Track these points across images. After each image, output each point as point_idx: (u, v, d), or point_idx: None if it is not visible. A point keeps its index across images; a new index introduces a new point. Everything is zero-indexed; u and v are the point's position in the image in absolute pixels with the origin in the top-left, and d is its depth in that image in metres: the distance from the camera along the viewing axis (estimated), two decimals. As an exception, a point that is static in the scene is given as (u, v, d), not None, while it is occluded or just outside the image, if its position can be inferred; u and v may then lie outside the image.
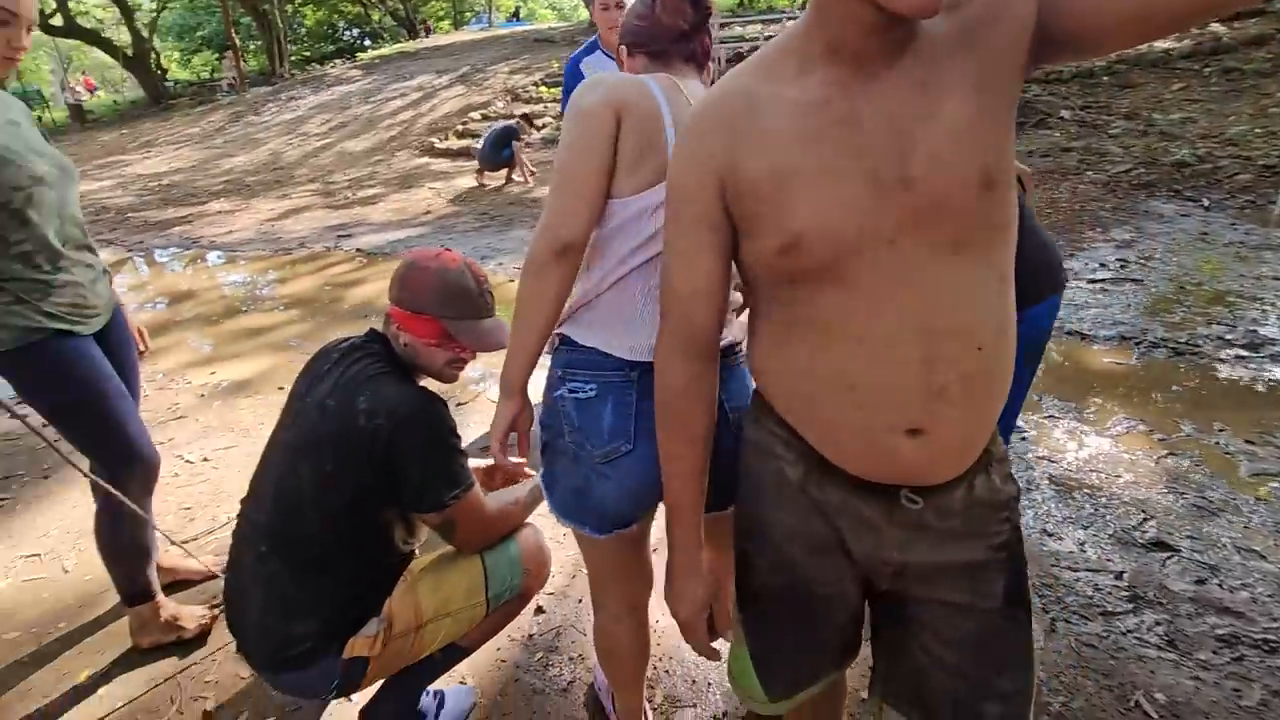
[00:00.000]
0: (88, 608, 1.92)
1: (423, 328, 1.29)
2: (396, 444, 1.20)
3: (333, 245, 5.95)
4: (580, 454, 1.09)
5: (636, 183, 1.04)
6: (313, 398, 1.27)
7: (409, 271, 1.30)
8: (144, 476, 1.72)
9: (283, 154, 10.79)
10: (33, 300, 1.52)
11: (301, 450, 1.24)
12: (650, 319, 1.07)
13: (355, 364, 1.29)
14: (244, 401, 3.13)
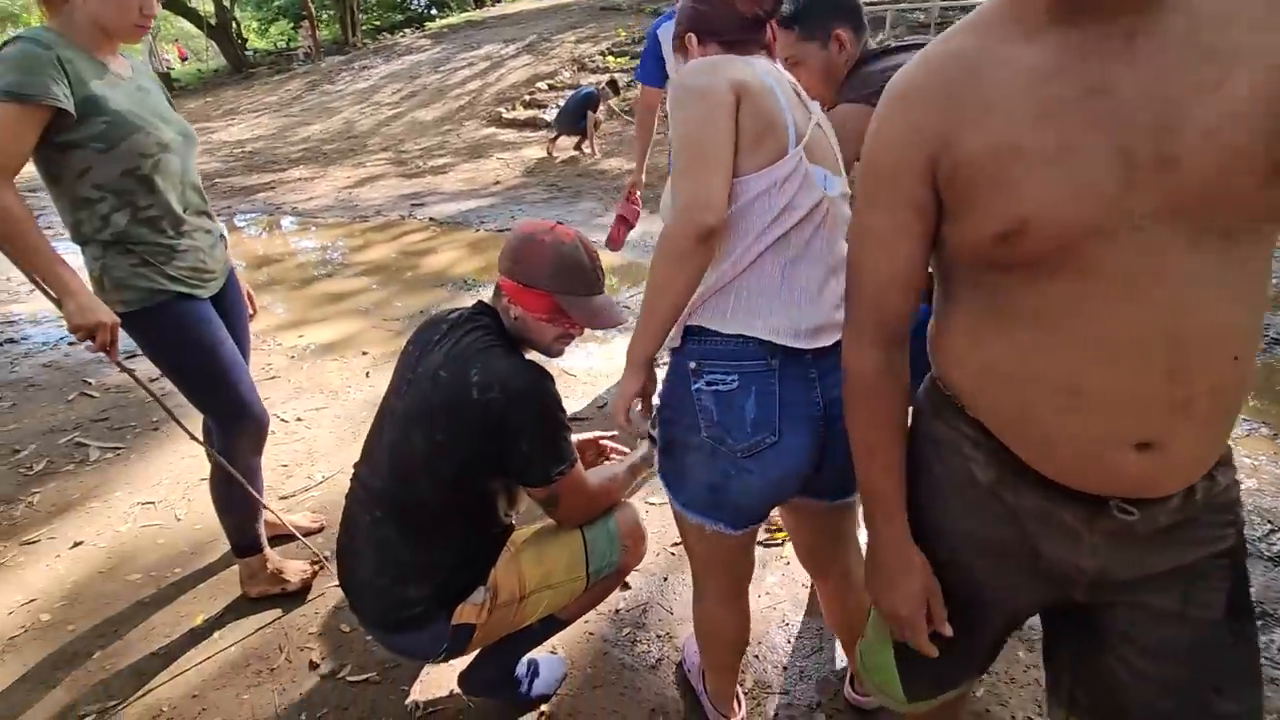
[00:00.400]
0: (198, 555, 2.03)
1: (535, 302, 1.29)
2: (508, 418, 1.21)
3: (406, 214, 6.07)
4: (719, 449, 1.05)
5: (759, 161, 1.01)
6: (425, 368, 1.28)
7: (523, 245, 1.29)
8: (255, 435, 1.79)
9: (356, 123, 11.04)
10: (157, 263, 1.58)
11: (415, 419, 1.26)
12: (789, 298, 1.03)
13: (466, 336, 1.29)
14: (330, 364, 3.24)
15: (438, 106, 11.12)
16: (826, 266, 1.06)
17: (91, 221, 1.52)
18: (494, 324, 1.33)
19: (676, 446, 1.11)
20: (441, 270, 4.55)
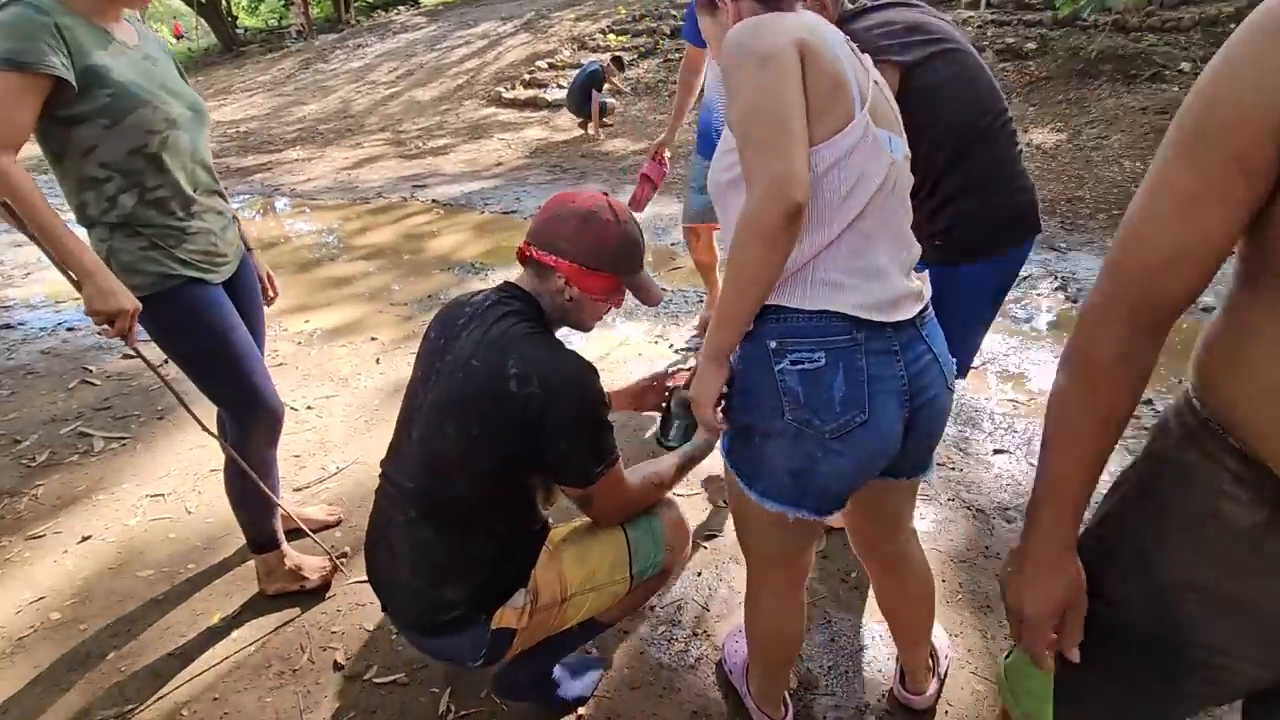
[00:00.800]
0: (212, 550, 1.96)
1: (599, 284, 1.23)
2: (548, 413, 1.13)
3: (408, 195, 5.94)
4: (804, 431, 0.98)
5: (828, 127, 0.94)
6: (455, 356, 1.20)
7: (586, 226, 1.21)
8: (269, 426, 1.71)
9: (352, 102, 10.82)
10: (167, 246, 1.49)
11: (447, 411, 1.18)
12: (869, 271, 0.97)
13: (499, 321, 1.20)
14: (339, 350, 3.15)
15: (435, 86, 10.91)
16: (896, 235, 1.02)
17: (98, 203, 1.43)
18: (527, 307, 1.25)
19: (755, 433, 1.04)
20: (447, 254, 4.45)
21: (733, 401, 1.06)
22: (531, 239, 1.25)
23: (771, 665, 1.33)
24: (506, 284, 1.29)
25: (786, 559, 1.18)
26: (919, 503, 2.02)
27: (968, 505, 2.02)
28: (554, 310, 1.27)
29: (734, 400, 1.06)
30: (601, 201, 1.24)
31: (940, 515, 1.99)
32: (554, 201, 1.26)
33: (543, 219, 1.25)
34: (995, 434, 2.35)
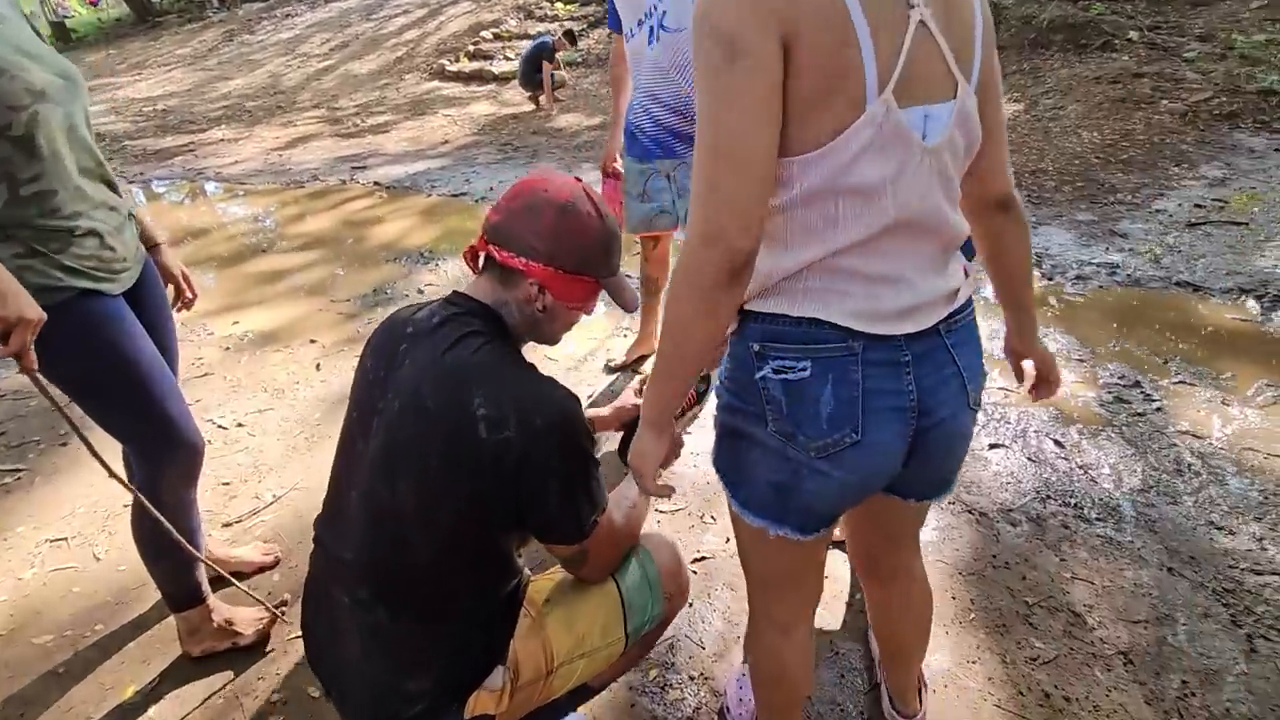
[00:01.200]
0: (126, 605, 1.69)
1: (578, 290, 1.04)
2: (530, 462, 0.92)
3: (347, 178, 5.53)
4: (788, 446, 0.85)
5: (826, 126, 0.74)
6: (400, 392, 0.97)
7: (565, 221, 0.99)
8: (186, 464, 1.45)
9: (282, 76, 10.12)
10: (50, 252, 1.22)
11: (396, 465, 0.95)
12: (876, 278, 0.81)
13: (455, 345, 0.98)
14: (274, 356, 2.84)
15: (373, 58, 10.28)
16: (927, 230, 0.83)
17: None
18: (486, 323, 1.02)
19: (739, 439, 0.91)
20: (393, 241, 4.11)
21: (722, 401, 0.93)
22: (492, 237, 1.02)
23: (778, 711, 1.17)
24: (457, 295, 1.06)
25: (788, 581, 1.03)
26: (920, 509, 1.89)
27: (969, 509, 1.90)
28: (521, 324, 1.06)
29: (721, 399, 0.93)
30: (579, 190, 1.02)
31: (941, 522, 1.86)
32: (521, 190, 1.03)
33: (507, 212, 1.02)
34: (989, 426, 2.23)
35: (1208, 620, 1.55)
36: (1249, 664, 1.46)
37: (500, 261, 1.01)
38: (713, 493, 1.98)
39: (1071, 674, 1.45)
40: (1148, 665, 1.46)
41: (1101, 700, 1.39)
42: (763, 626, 1.09)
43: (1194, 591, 1.62)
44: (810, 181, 0.76)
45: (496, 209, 1.04)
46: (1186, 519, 1.82)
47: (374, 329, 1.12)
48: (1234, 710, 1.37)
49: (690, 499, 1.96)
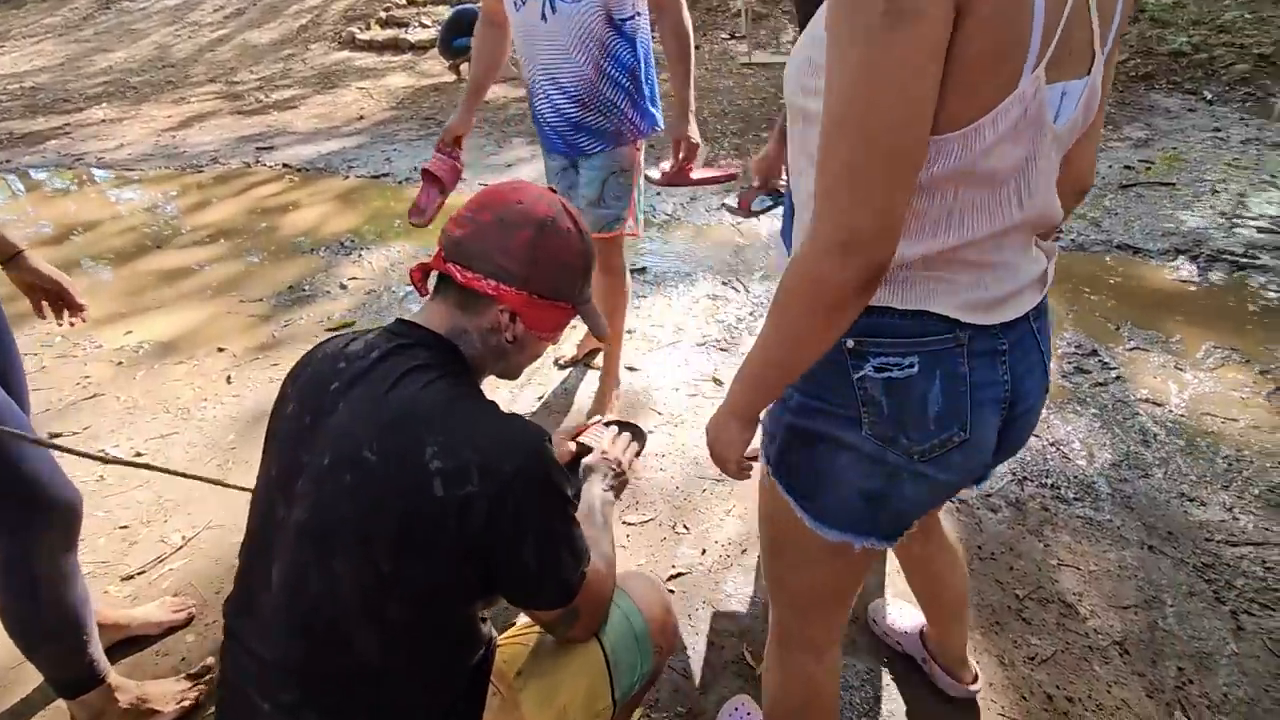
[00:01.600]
0: (4, 688, 1.42)
1: (552, 318, 0.91)
2: (500, 519, 0.76)
3: (252, 160, 5.03)
4: (888, 451, 0.77)
5: (979, 102, 0.62)
6: (331, 446, 0.78)
7: (545, 240, 0.85)
8: (64, 526, 1.20)
9: (171, 48, 9.19)
10: None
11: (329, 539, 0.76)
12: (988, 269, 0.73)
13: (400, 383, 0.80)
14: (176, 370, 2.51)
15: (273, 27, 9.46)
16: (1037, 211, 0.74)
17: None
18: (437, 357, 0.85)
19: (819, 444, 0.81)
20: (309, 230, 3.74)
21: (791, 401, 0.82)
22: (454, 254, 0.86)
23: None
24: (401, 324, 0.88)
25: (837, 599, 0.96)
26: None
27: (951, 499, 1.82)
28: (482, 356, 0.89)
29: (793, 400, 0.82)
30: (557, 203, 0.88)
31: (923, 513, 1.78)
32: (489, 201, 0.87)
33: (474, 226, 0.85)
34: (958, 406, 2.17)
35: (1193, 599, 1.53)
36: (1238, 643, 1.44)
37: (462, 284, 0.85)
38: (683, 499, 1.84)
39: (1071, 671, 1.39)
40: (1143, 654, 1.42)
41: (1104, 698, 1.34)
42: (795, 651, 1.00)
43: (1176, 569, 1.60)
44: (940, 167, 0.65)
45: (458, 221, 0.87)
46: (1160, 493, 1.81)
47: (297, 361, 0.92)
48: (1231, 695, 1.34)
49: (659, 508, 1.81)
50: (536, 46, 1.72)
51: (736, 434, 0.83)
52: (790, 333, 0.69)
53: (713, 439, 0.86)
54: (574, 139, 1.81)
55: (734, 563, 1.65)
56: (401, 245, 3.42)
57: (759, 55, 6.44)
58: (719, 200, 3.84)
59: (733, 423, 0.82)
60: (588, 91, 1.73)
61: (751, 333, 2.59)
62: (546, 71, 1.74)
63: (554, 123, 1.81)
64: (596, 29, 1.66)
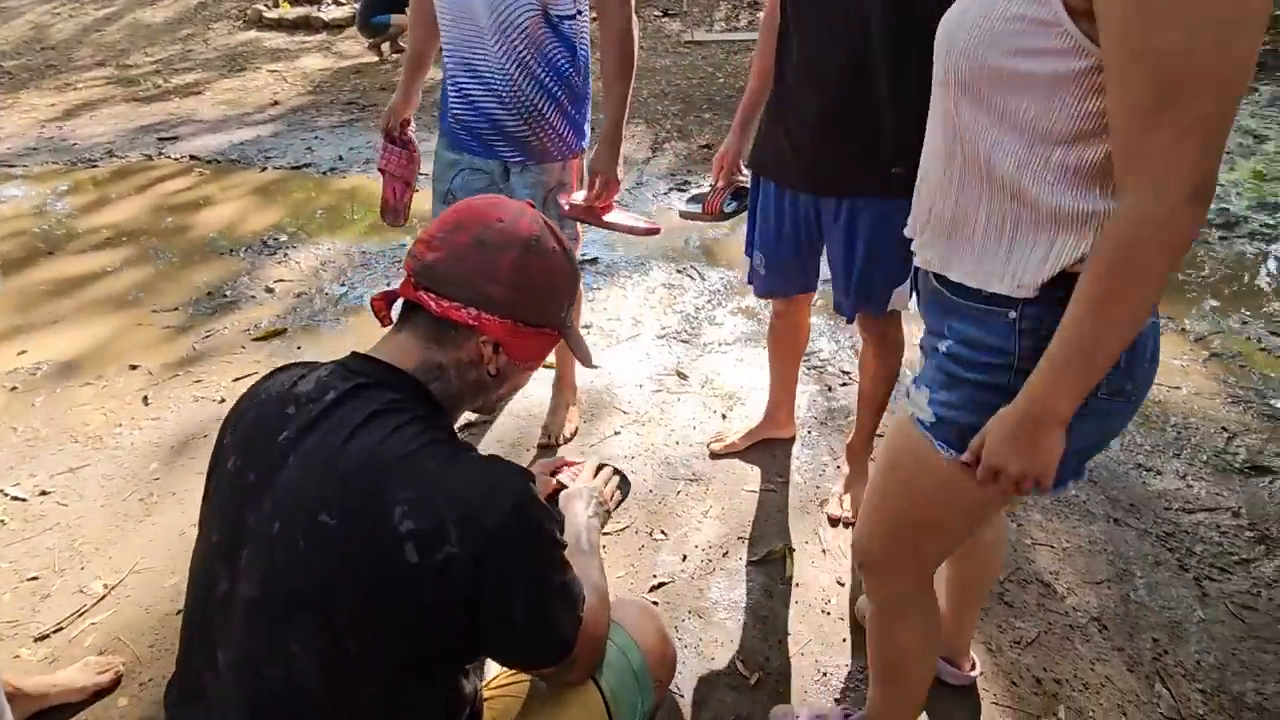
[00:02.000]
0: None
1: (538, 345, 0.83)
2: (485, 581, 0.67)
3: (154, 152, 4.60)
4: (1113, 402, 0.79)
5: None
6: (282, 508, 0.68)
7: (531, 262, 0.77)
8: None
9: (50, 28, 8.32)
10: None
11: (284, 620, 0.66)
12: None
13: (358, 433, 0.69)
14: (82, 393, 2.25)
15: (167, 4, 8.70)
16: None
17: None
18: (403, 396, 0.75)
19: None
20: (226, 229, 3.45)
21: (1006, 375, 0.79)
22: (427, 280, 0.76)
23: (919, 697, 1.11)
24: (358, 359, 0.76)
25: (955, 551, 1.04)
26: (877, 491, 1.79)
27: (922, 482, 1.82)
28: (459, 392, 0.79)
29: (1014, 380, 0.78)
30: (539, 220, 0.80)
31: (899, 500, 1.77)
32: (464, 220, 0.77)
33: (449, 249, 0.76)
34: (921, 388, 2.18)
35: (1159, 569, 1.58)
36: (1204, 609, 1.48)
37: (439, 313, 0.74)
38: (658, 503, 1.77)
39: (1055, 651, 1.40)
40: (1120, 628, 1.45)
41: (1088, 676, 1.36)
42: (914, 616, 1.03)
43: (1141, 540, 1.64)
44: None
45: (429, 244, 0.77)
46: (1118, 464, 1.86)
47: (235, 402, 0.78)
48: (1204, 661, 1.38)
49: (634, 514, 1.74)
50: (450, 21, 1.50)
51: (1059, 442, 0.74)
52: (1147, 296, 0.68)
53: (1025, 456, 0.74)
54: (490, 139, 1.58)
55: (716, 567, 1.60)
56: (331, 242, 3.18)
57: (699, 33, 6.34)
58: (666, 186, 3.76)
59: (1055, 429, 0.73)
60: (509, 90, 1.52)
61: (711, 322, 2.53)
62: (456, 53, 1.53)
63: (461, 113, 1.59)
64: (526, 23, 1.45)
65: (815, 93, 1.33)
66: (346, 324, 2.60)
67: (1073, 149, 0.71)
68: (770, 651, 1.41)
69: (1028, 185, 0.74)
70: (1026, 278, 0.76)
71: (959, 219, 0.83)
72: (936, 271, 0.88)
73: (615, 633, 0.95)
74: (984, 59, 0.71)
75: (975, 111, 0.75)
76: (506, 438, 1.96)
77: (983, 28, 0.70)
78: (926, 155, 0.88)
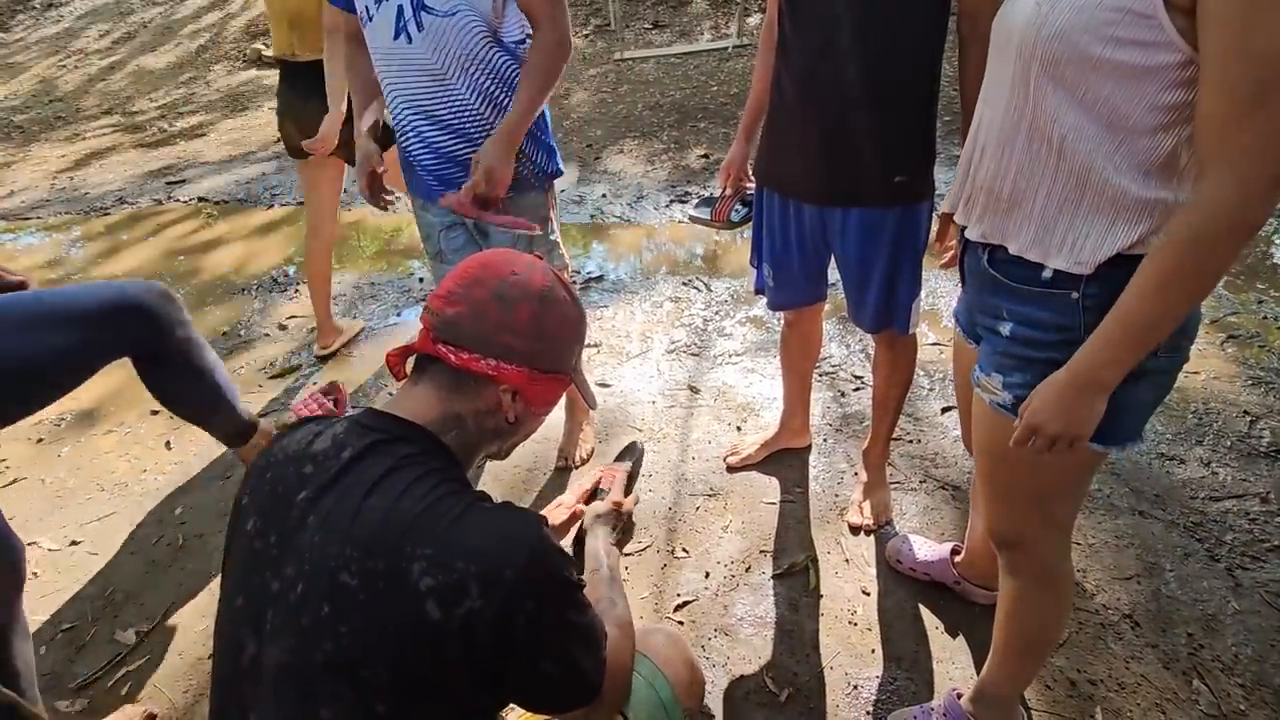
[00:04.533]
0: None
1: (552, 391, 0.86)
2: (511, 633, 0.68)
3: (163, 197, 4.69)
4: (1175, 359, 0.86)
5: None
6: (304, 570, 0.69)
7: (548, 312, 0.80)
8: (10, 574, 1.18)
9: (57, 80, 8.52)
10: None
11: (313, 684, 0.66)
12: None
13: (375, 490, 0.71)
14: (105, 441, 2.29)
15: (169, 50, 8.88)
16: None
17: None
18: (419, 450, 0.76)
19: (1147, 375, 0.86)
20: (237, 268, 3.50)
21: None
22: (447, 335, 0.78)
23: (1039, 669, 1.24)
24: (373, 415, 0.78)
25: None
26: (897, 496, 1.78)
27: (941, 484, 1.81)
28: (476, 442, 0.82)
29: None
30: (548, 270, 0.83)
31: (919, 504, 1.76)
32: (480, 275, 0.80)
33: (468, 304, 0.78)
34: (935, 389, 2.17)
35: (1190, 561, 1.55)
36: (1238, 600, 1.46)
37: (458, 365, 0.77)
38: (678, 520, 1.77)
39: (1088, 651, 1.39)
40: (1153, 624, 1.43)
41: (1124, 675, 1.34)
42: (1067, 558, 1.07)
43: (1168, 532, 1.62)
44: None
45: (447, 298, 0.79)
46: (1140, 455, 1.84)
47: (252, 464, 0.79)
48: (1241, 654, 1.36)
49: (655, 532, 1.74)
50: (396, 72, 1.42)
51: (1103, 404, 0.81)
52: (1211, 280, 0.74)
53: (1066, 419, 0.81)
54: (457, 180, 1.48)
55: (740, 583, 1.59)
56: (339, 276, 3.22)
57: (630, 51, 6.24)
58: (667, 198, 3.77)
59: (1100, 395, 0.80)
60: (477, 127, 1.45)
61: (721, 334, 2.53)
62: (413, 102, 1.44)
63: (430, 165, 1.50)
64: (480, 51, 1.38)
65: (814, 106, 1.34)
66: (360, 356, 2.63)
67: (1147, 139, 0.76)
68: (799, 666, 1.40)
69: (1098, 169, 0.78)
70: (1085, 254, 0.82)
71: (1018, 193, 0.87)
72: (993, 243, 0.92)
73: (641, 664, 0.95)
74: (1079, 44, 0.74)
75: (1058, 93, 0.79)
76: (524, 462, 1.98)
77: (1084, 13, 0.73)
78: (983, 130, 0.91)
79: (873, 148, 1.32)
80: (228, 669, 0.72)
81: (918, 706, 1.28)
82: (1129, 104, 0.75)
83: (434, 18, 1.33)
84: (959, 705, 1.22)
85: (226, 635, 0.72)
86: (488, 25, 1.37)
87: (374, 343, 2.71)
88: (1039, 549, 1.04)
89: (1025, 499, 1.00)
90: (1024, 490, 0.99)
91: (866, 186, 1.35)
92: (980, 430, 1.01)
